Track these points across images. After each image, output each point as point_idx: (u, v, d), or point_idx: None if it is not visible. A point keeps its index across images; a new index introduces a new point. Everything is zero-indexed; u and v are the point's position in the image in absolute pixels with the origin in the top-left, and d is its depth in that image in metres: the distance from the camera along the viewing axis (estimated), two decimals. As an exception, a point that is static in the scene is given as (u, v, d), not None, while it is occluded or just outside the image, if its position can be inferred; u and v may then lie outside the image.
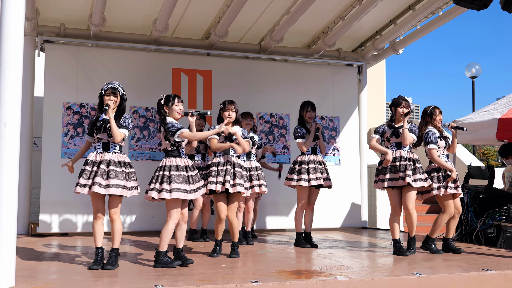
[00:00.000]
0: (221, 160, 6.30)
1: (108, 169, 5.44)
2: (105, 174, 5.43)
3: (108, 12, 8.55)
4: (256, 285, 4.73)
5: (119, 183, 5.43)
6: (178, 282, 4.88)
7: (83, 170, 5.48)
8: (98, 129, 5.59)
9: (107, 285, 4.82)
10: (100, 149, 5.58)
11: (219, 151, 6.33)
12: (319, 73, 10.48)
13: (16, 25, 4.64)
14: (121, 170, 5.49)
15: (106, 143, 5.57)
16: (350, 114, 10.50)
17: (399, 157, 6.70)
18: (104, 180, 5.41)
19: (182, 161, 5.75)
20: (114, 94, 5.64)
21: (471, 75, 19.39)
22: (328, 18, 9.53)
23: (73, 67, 8.92)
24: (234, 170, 6.26)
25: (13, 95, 4.58)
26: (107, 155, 5.51)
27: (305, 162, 7.34)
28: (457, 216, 7.10)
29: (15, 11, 4.64)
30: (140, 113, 9.14)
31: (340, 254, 6.90)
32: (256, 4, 8.60)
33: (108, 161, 5.48)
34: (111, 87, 5.66)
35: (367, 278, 5.13)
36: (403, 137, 6.66)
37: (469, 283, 5.41)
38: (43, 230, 8.55)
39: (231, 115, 6.30)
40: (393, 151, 6.76)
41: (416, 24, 9.59)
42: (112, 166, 5.46)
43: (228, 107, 6.33)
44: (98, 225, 5.52)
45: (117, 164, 5.50)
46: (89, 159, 5.54)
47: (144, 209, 9.01)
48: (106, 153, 5.53)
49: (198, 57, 9.84)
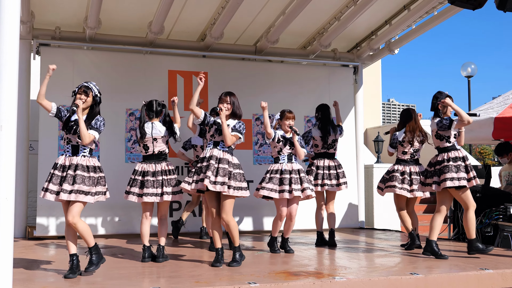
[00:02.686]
0: (207, 154, 5.96)
1: (75, 173, 5.27)
2: (71, 179, 5.25)
3: (103, 15, 8.56)
4: (253, 286, 4.73)
5: (82, 189, 5.25)
6: (175, 284, 4.89)
7: (53, 175, 5.33)
8: (68, 129, 5.41)
9: (104, 287, 4.83)
10: (69, 152, 5.40)
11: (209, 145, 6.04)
12: (315, 73, 10.52)
13: (11, 29, 4.60)
14: (88, 175, 5.31)
15: (75, 146, 5.38)
16: (346, 114, 10.52)
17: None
18: (70, 185, 5.24)
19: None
20: (85, 93, 5.45)
21: (467, 74, 19.45)
22: (323, 18, 9.58)
23: (68, 70, 8.93)
24: (218, 166, 5.86)
25: (9, 98, 4.54)
26: (74, 158, 5.34)
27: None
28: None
29: (10, 15, 4.61)
30: (136, 115, 9.15)
31: (338, 255, 6.92)
32: (251, 5, 8.63)
33: (75, 165, 5.30)
34: (84, 85, 5.50)
35: (364, 279, 5.14)
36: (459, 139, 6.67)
37: (467, 283, 5.42)
38: (40, 233, 8.57)
39: (225, 107, 5.97)
40: None
41: (411, 24, 9.64)
42: (79, 171, 5.28)
43: (223, 99, 6.04)
44: (69, 231, 5.40)
45: (84, 169, 5.32)
46: (58, 162, 5.38)
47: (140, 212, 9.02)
48: (74, 157, 5.35)
49: (194, 58, 9.87)
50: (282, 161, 6.95)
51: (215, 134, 5.95)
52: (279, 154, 7.00)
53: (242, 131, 6.02)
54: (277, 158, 7.00)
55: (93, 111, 5.49)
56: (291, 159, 6.98)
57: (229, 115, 6.05)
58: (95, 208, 8.34)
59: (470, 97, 19.65)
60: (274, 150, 7.05)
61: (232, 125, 5.97)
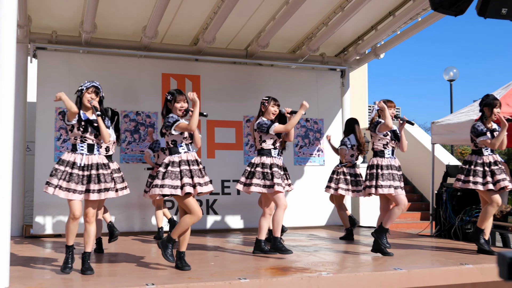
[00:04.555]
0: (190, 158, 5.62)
1: (98, 172, 5.31)
2: (96, 179, 5.29)
3: (99, 20, 8.70)
4: (244, 282, 4.82)
5: (107, 186, 5.32)
6: (168, 280, 4.96)
7: (71, 174, 5.27)
8: (84, 129, 5.34)
9: (100, 284, 4.88)
10: (84, 150, 5.35)
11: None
12: (303, 77, 10.72)
13: (8, 33, 4.69)
14: (107, 172, 5.38)
15: (91, 145, 5.38)
16: (333, 116, 10.74)
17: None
18: (97, 184, 5.28)
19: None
20: (96, 94, 5.44)
21: (449, 78, 19.70)
22: (312, 24, 9.75)
23: (64, 73, 9.05)
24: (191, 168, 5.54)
25: (6, 100, 4.64)
26: (93, 157, 5.35)
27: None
28: None
29: (7, 19, 4.70)
30: (131, 117, 9.34)
31: (325, 251, 7.06)
32: (243, 11, 8.78)
33: (96, 165, 5.33)
34: (94, 85, 5.44)
35: (350, 274, 5.30)
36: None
37: (448, 277, 5.59)
38: (37, 232, 8.69)
39: (183, 106, 5.64)
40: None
41: (396, 30, 9.81)
42: (101, 170, 5.34)
43: (179, 98, 5.67)
44: (73, 226, 5.40)
45: (103, 167, 5.37)
46: (76, 162, 5.31)
47: (134, 210, 9.26)
48: (91, 156, 5.35)
49: (187, 62, 10.01)
50: (388, 156, 6.72)
51: (188, 136, 5.63)
52: (385, 148, 6.76)
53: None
54: (382, 152, 6.74)
55: (96, 111, 5.43)
56: (393, 153, 6.80)
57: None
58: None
59: (452, 100, 19.94)
60: (378, 144, 6.78)
61: None
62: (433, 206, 9.44)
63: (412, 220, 13.02)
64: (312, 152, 10.48)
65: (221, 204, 9.76)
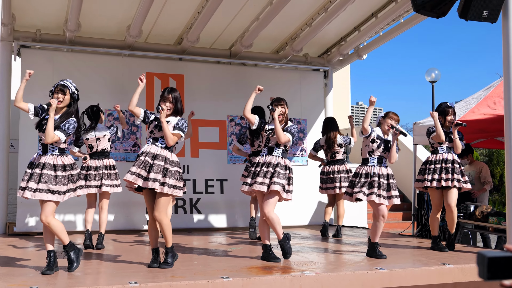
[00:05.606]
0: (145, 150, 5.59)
1: (41, 172, 5.14)
2: (37, 178, 5.12)
3: (83, 18, 8.71)
4: (226, 281, 4.84)
5: (50, 188, 5.13)
6: (151, 278, 4.94)
7: (25, 173, 5.26)
8: (40, 128, 5.28)
9: (83, 282, 4.85)
10: (40, 150, 5.28)
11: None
12: (287, 77, 10.80)
13: None
14: (55, 174, 5.16)
15: (44, 145, 5.25)
16: (316, 116, 10.82)
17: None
18: (35, 184, 5.12)
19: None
20: (62, 92, 5.31)
21: (431, 80, 19.83)
22: (295, 25, 9.82)
23: (48, 71, 9.04)
24: (153, 163, 5.47)
25: None
26: (43, 157, 5.20)
27: None
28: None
29: None
30: (115, 116, 9.35)
31: (308, 251, 7.10)
32: (227, 11, 8.82)
33: (43, 164, 5.17)
34: (60, 84, 5.34)
35: (333, 273, 5.32)
36: (455, 145, 7.02)
37: (429, 277, 5.64)
38: (20, 229, 8.70)
39: (167, 106, 5.62)
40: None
41: (379, 31, 9.89)
42: (46, 170, 5.15)
43: (166, 97, 5.65)
44: (45, 229, 5.34)
45: (51, 168, 5.19)
46: (31, 160, 5.32)
47: (119, 208, 9.27)
48: (43, 156, 5.22)
49: (171, 61, 10.04)
50: (372, 164, 6.55)
51: (155, 130, 5.57)
52: (370, 156, 6.58)
53: (184, 129, 5.64)
54: (366, 159, 6.60)
55: (69, 109, 5.36)
56: (381, 162, 6.56)
57: (172, 112, 5.70)
58: (76, 205, 8.57)
59: (434, 101, 20.06)
60: (365, 149, 6.63)
61: (174, 123, 5.61)
62: (415, 207, 9.55)
63: (394, 220, 13.14)
64: (295, 152, 10.56)
65: (204, 203, 9.81)
